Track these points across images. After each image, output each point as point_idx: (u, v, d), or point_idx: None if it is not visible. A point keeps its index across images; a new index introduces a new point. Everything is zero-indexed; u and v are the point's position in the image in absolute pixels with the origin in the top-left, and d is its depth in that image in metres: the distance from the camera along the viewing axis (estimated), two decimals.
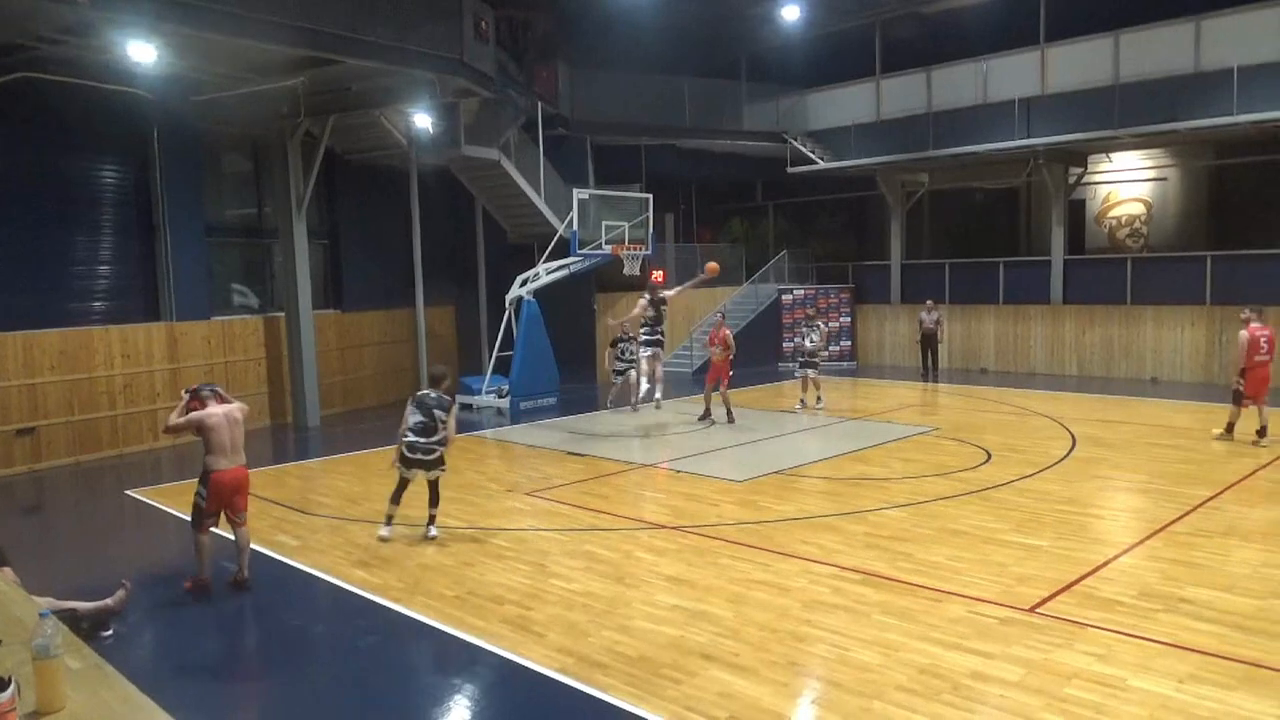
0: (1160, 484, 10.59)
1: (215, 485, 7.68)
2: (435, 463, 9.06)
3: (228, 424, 7.73)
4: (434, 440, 9.00)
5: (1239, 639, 6.13)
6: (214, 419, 7.68)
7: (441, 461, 9.12)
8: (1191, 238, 21.97)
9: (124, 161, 14.78)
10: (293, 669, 6.44)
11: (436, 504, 9.28)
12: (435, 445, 9.01)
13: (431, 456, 9.01)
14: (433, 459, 9.03)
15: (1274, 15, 17.00)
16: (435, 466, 9.08)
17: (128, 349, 14.47)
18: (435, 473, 9.13)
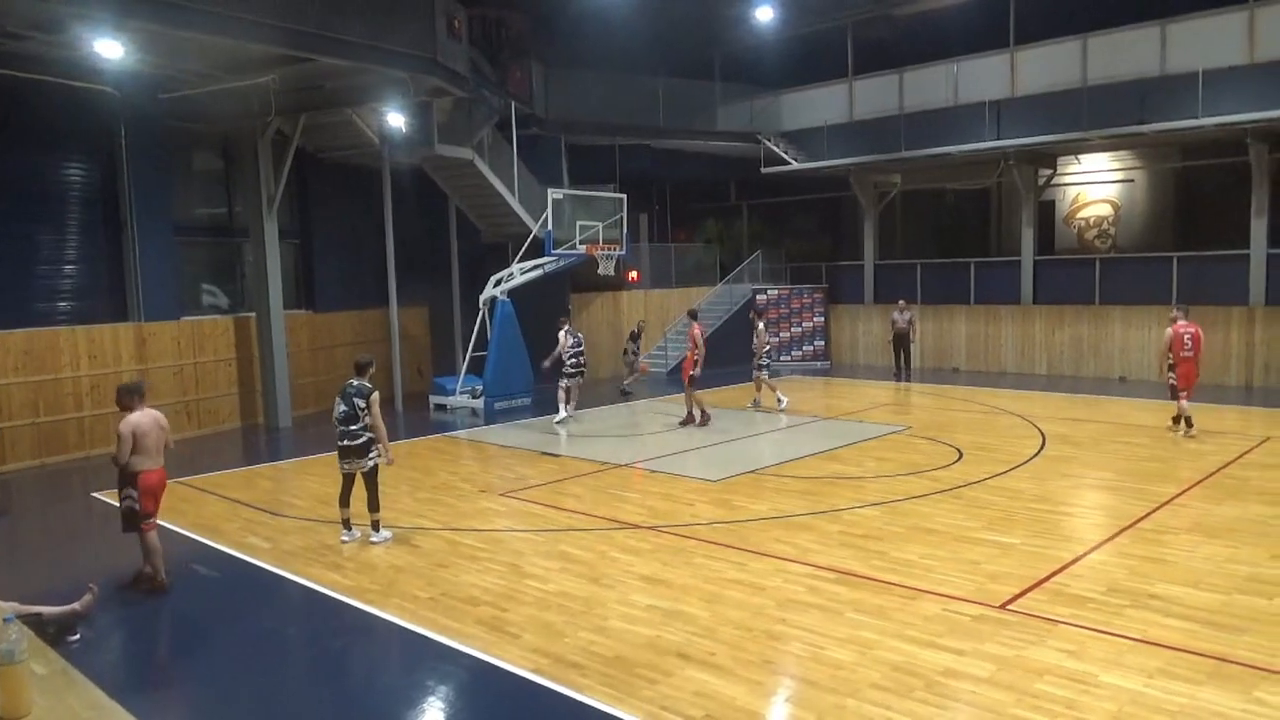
0: (1128, 481, 10.73)
1: (145, 485, 7.78)
2: (358, 451, 8.90)
3: (157, 429, 7.90)
4: (355, 428, 8.88)
5: (1206, 634, 6.23)
6: (144, 425, 7.82)
7: (365, 450, 8.93)
8: (1158, 238, 22.29)
9: (91, 159, 14.56)
10: (264, 672, 6.37)
11: (375, 507, 9.07)
12: (358, 432, 8.88)
13: (355, 443, 8.88)
14: (356, 445, 8.88)
15: (1237, 19, 17.30)
16: (359, 456, 8.92)
17: (94, 349, 14.25)
18: (361, 464, 8.94)
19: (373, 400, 8.96)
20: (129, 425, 7.75)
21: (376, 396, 9.02)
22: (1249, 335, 18.05)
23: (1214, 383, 18.24)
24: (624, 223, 17.57)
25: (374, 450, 8.96)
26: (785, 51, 24.06)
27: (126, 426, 7.74)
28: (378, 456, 8.99)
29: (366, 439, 8.92)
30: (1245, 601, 6.79)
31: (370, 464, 8.97)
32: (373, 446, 8.96)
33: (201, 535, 9.53)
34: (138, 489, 7.76)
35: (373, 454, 8.97)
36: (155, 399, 14.90)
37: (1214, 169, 20.58)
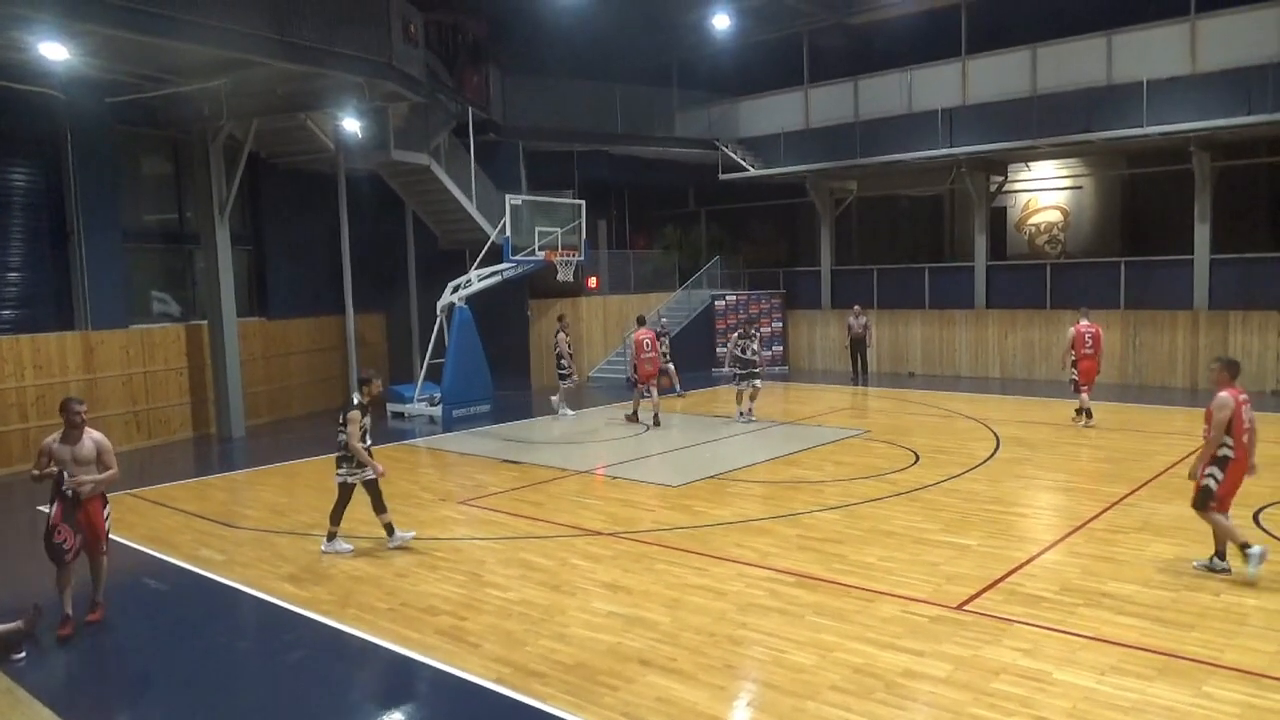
0: (1080, 482, 10.95)
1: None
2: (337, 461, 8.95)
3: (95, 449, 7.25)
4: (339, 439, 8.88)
5: (1156, 630, 6.37)
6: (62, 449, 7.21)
7: (337, 463, 8.95)
8: (1106, 244, 22.81)
9: (35, 164, 14.23)
10: (217, 688, 6.24)
11: (332, 518, 9.00)
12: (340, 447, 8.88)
13: (338, 454, 8.95)
14: (338, 455, 8.94)
15: (1179, 31, 17.77)
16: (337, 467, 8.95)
17: (39, 359, 13.89)
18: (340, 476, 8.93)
19: (349, 418, 8.71)
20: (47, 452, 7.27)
21: (354, 414, 8.75)
22: (1193, 339, 18.51)
23: (1160, 384, 18.71)
24: (583, 229, 17.57)
25: (343, 466, 8.85)
26: (742, 59, 24.26)
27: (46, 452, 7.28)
28: (347, 475, 8.85)
29: (340, 454, 8.89)
30: (1193, 598, 6.96)
31: (338, 479, 8.92)
32: (343, 462, 8.86)
33: (153, 548, 9.33)
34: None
35: (341, 469, 8.88)
36: (103, 409, 14.64)
37: (1159, 176, 21.11)
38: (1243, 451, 7.37)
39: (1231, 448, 7.36)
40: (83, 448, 7.20)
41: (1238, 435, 7.35)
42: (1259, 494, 9.92)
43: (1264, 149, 19.23)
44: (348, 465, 8.82)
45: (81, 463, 7.14)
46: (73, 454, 7.15)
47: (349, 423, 8.67)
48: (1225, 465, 7.39)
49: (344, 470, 8.84)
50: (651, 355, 16.11)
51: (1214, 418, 7.40)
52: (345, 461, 8.82)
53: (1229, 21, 17.30)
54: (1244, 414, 7.40)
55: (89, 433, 7.31)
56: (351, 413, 8.71)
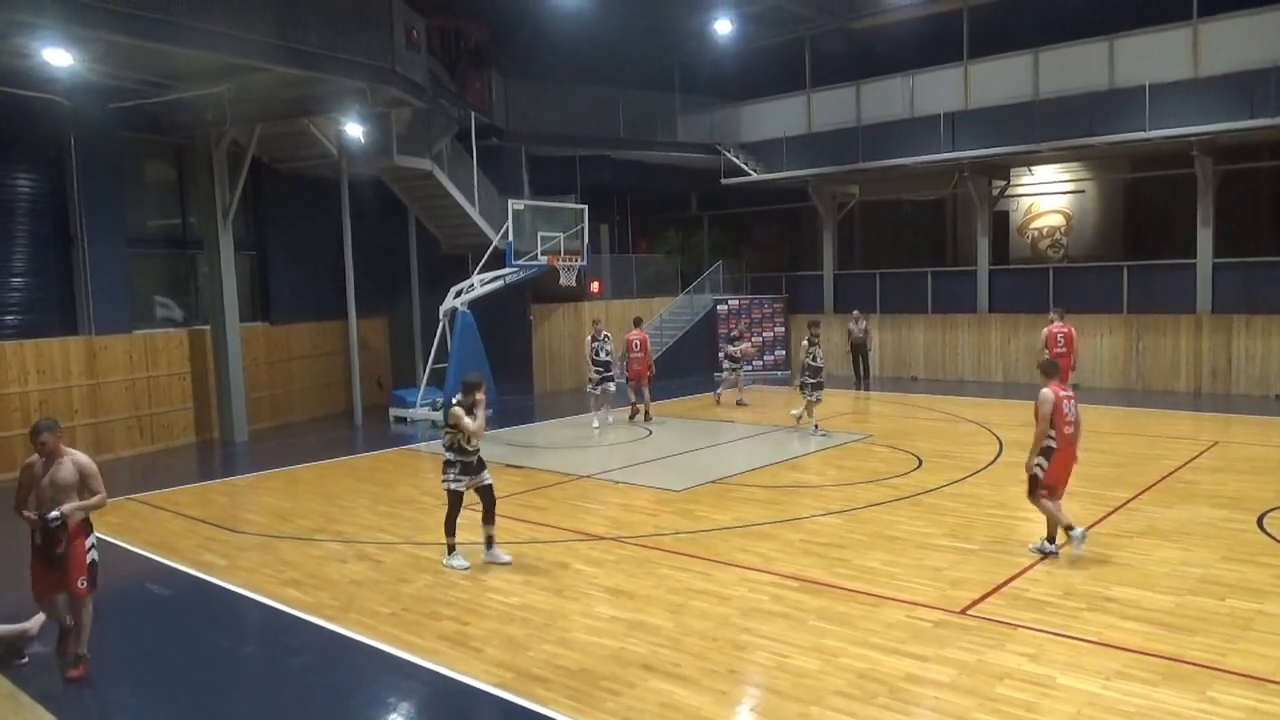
0: (1083, 486, 10.88)
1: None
2: (443, 467, 8.55)
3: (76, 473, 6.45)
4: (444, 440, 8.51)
5: (1161, 635, 6.34)
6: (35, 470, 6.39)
7: (443, 470, 8.54)
8: (1109, 248, 22.79)
9: (40, 170, 14.25)
10: (220, 693, 6.24)
11: (446, 529, 8.58)
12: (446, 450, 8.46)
13: (446, 458, 8.52)
14: (445, 460, 8.53)
15: (1182, 35, 17.78)
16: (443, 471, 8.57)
17: (43, 364, 13.90)
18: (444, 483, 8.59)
19: (453, 414, 8.27)
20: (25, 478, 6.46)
21: (457, 410, 8.28)
22: (1196, 342, 18.49)
23: (1164, 389, 18.68)
24: (585, 233, 17.60)
25: (448, 472, 8.43)
26: (744, 63, 24.30)
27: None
28: (454, 481, 8.42)
29: (445, 460, 8.47)
30: (1198, 603, 6.94)
31: (444, 485, 8.51)
32: (447, 469, 8.44)
33: (156, 553, 9.33)
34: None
35: (446, 476, 8.46)
36: (106, 414, 14.67)
37: (1161, 180, 21.08)
38: (1065, 442, 8.03)
39: (1055, 439, 8.01)
40: (61, 470, 6.33)
41: (1060, 428, 7.98)
42: (1264, 498, 9.92)
43: (1266, 153, 19.23)
44: (454, 471, 8.39)
45: (61, 488, 6.29)
46: (50, 479, 6.30)
47: (456, 418, 8.21)
48: (1050, 455, 8.05)
49: (450, 476, 8.42)
50: (639, 355, 16.33)
51: (1038, 412, 8.06)
52: (450, 468, 8.41)
53: (1231, 25, 17.31)
54: (1065, 408, 8.01)
55: (70, 454, 6.47)
56: (454, 409, 8.26)
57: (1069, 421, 8.07)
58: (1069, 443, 8.08)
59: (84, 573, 6.42)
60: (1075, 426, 8.15)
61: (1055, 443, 8.04)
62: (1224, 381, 18.16)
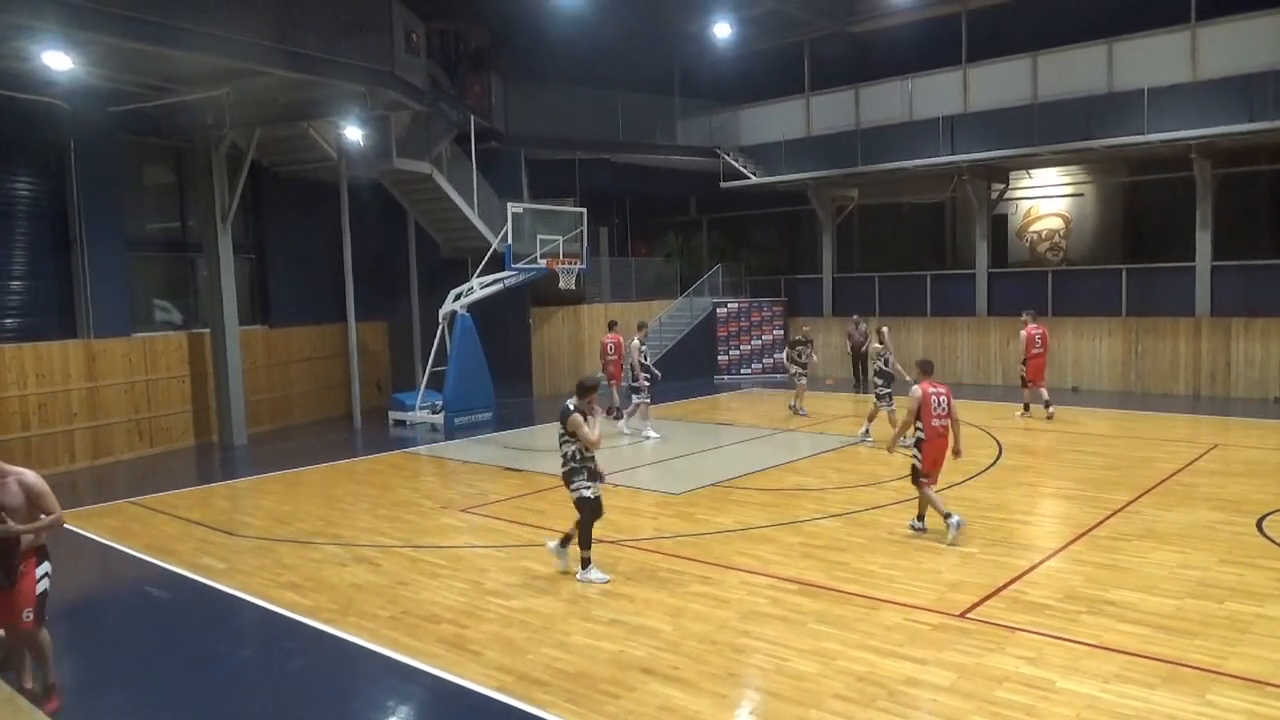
0: (1082, 489, 10.92)
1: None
2: (565, 478, 8.13)
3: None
4: (561, 450, 8.09)
5: (1160, 639, 6.34)
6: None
7: (568, 480, 8.05)
8: (1108, 251, 22.80)
9: (39, 173, 14.25)
10: (218, 697, 6.23)
11: (580, 541, 8.04)
12: (564, 458, 8.07)
13: (563, 469, 8.11)
14: (563, 471, 8.12)
15: (1180, 39, 17.81)
16: (566, 484, 8.13)
17: (42, 367, 13.90)
18: (570, 492, 8.10)
19: (572, 421, 7.84)
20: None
21: (576, 417, 7.84)
22: (1195, 345, 18.49)
23: (1163, 392, 18.69)
24: (584, 237, 17.58)
25: (576, 480, 7.99)
26: (744, 67, 24.32)
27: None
28: (584, 488, 7.98)
29: (569, 468, 8.02)
30: (1197, 606, 6.93)
31: (575, 494, 8.01)
32: (574, 477, 8.00)
33: (154, 556, 9.32)
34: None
35: (575, 484, 8.00)
36: (105, 417, 14.66)
37: (1160, 184, 21.10)
38: (934, 434, 8.89)
39: (924, 431, 8.89)
40: (5, 494, 5.69)
41: (927, 421, 8.87)
42: (1263, 501, 9.92)
43: (1265, 156, 19.24)
44: (580, 479, 7.98)
45: (9, 510, 5.66)
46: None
47: (575, 426, 7.80)
48: (921, 446, 8.96)
49: (577, 484, 7.99)
50: (614, 359, 16.23)
51: (908, 407, 9.06)
52: (577, 475, 7.99)
53: (1230, 29, 17.34)
54: (934, 405, 8.88)
55: (16, 474, 5.86)
56: (573, 416, 7.84)
57: (937, 416, 8.87)
58: (937, 434, 8.88)
59: (32, 604, 5.75)
60: (945, 420, 8.94)
61: (924, 434, 8.91)
62: (1223, 384, 18.17)
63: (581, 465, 7.97)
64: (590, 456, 8.01)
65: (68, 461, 14.16)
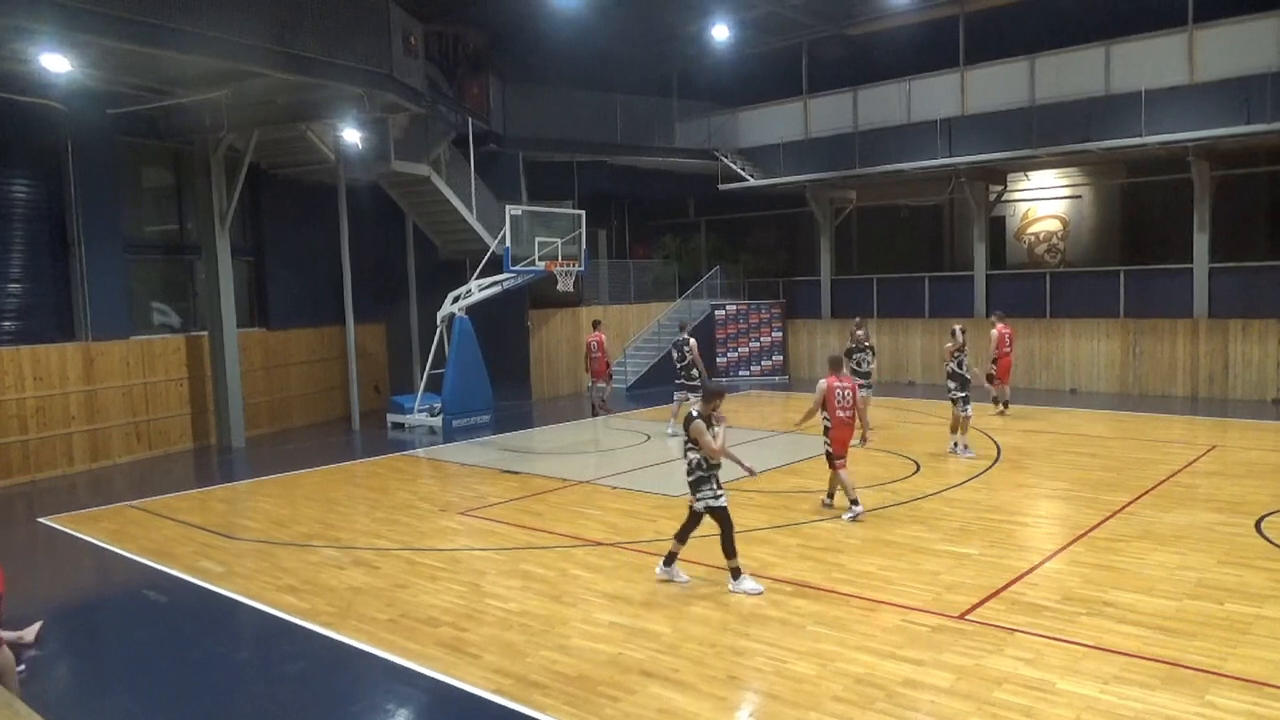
0: (1081, 491, 10.92)
1: None
2: (692, 486, 7.78)
3: None
4: (687, 457, 7.79)
5: (1159, 640, 6.34)
6: None
7: (694, 489, 7.74)
8: (1106, 253, 22.83)
9: (37, 175, 14.24)
10: (217, 701, 6.22)
11: (725, 551, 7.68)
12: (689, 465, 7.76)
13: (689, 478, 7.79)
14: (690, 480, 7.79)
15: (1177, 41, 17.82)
16: (692, 491, 7.80)
17: (40, 370, 13.89)
18: (695, 502, 7.79)
19: (694, 430, 7.63)
20: None
21: (698, 424, 7.63)
22: (1193, 347, 18.51)
23: (1161, 393, 18.70)
24: (583, 239, 17.58)
25: (703, 490, 7.71)
26: (742, 69, 24.33)
27: None
28: (711, 498, 7.69)
29: (695, 477, 7.72)
30: (1196, 607, 6.94)
31: (702, 504, 7.72)
32: (701, 487, 7.71)
33: (153, 560, 9.31)
34: None
35: (701, 493, 7.72)
36: (103, 420, 14.65)
37: (1158, 186, 21.13)
38: (839, 423, 9.93)
39: (830, 420, 9.95)
40: None
41: (831, 410, 9.92)
42: (1261, 502, 9.92)
43: (1262, 158, 19.27)
44: (707, 489, 7.70)
45: None
46: None
47: (697, 433, 7.59)
48: (828, 432, 10.01)
49: (703, 495, 7.71)
50: (598, 356, 16.84)
51: (815, 398, 10.08)
52: (705, 485, 7.70)
53: (1227, 31, 17.37)
54: (838, 397, 9.91)
55: None
56: (696, 423, 7.63)
57: (841, 407, 9.91)
58: (841, 423, 9.93)
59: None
60: (850, 411, 9.99)
61: (830, 423, 9.95)
62: (1221, 386, 18.18)
63: (708, 474, 7.68)
64: (716, 464, 7.71)
65: (66, 465, 14.14)
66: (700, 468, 7.69)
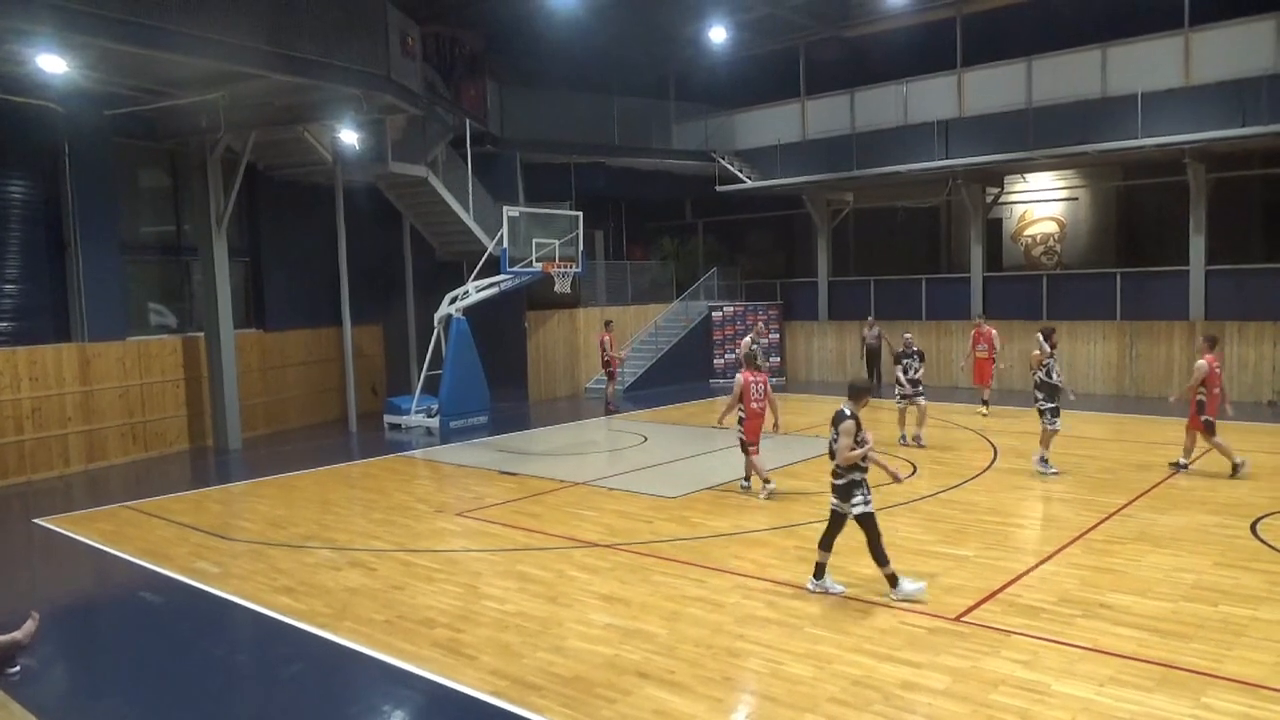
0: (1077, 493, 10.94)
1: None
2: (838, 492, 7.53)
3: None
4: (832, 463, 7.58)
5: (1155, 641, 6.35)
6: None
7: (846, 494, 7.44)
8: (1102, 255, 22.86)
9: (33, 176, 14.23)
10: (213, 702, 6.21)
11: (878, 561, 7.41)
12: (835, 469, 7.54)
13: (836, 481, 7.56)
14: (836, 484, 7.57)
15: (1174, 44, 17.85)
16: (840, 497, 7.52)
17: (36, 371, 13.86)
18: (837, 505, 7.55)
19: (843, 429, 7.36)
20: None
21: (849, 424, 7.38)
22: (1189, 349, 18.49)
23: (1157, 395, 18.71)
24: (580, 240, 17.58)
25: (857, 495, 7.43)
26: (739, 71, 24.34)
27: None
28: (863, 504, 7.44)
29: (847, 480, 7.45)
30: (1191, 609, 6.95)
31: (855, 510, 7.44)
32: (855, 490, 7.44)
33: (148, 561, 9.29)
34: None
35: (856, 499, 7.44)
36: (99, 421, 14.62)
37: (1154, 188, 21.17)
38: (752, 412, 11.02)
39: (745, 412, 11.03)
40: None
41: (747, 402, 10.99)
42: (1257, 504, 9.94)
43: (1258, 160, 19.31)
44: (862, 492, 7.45)
45: None
46: None
47: (842, 433, 7.35)
48: (743, 422, 11.09)
49: (860, 498, 7.45)
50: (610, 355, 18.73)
51: (734, 391, 11.13)
52: (858, 489, 7.45)
53: (1223, 34, 17.40)
54: (753, 390, 11.02)
55: None
56: (846, 423, 7.37)
57: (755, 400, 11.02)
58: (755, 414, 11.02)
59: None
60: (763, 402, 11.09)
61: (745, 413, 11.04)
62: None
63: (861, 476, 7.44)
64: (865, 467, 7.48)
65: (62, 466, 14.12)
66: (850, 467, 7.38)
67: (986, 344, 17.52)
